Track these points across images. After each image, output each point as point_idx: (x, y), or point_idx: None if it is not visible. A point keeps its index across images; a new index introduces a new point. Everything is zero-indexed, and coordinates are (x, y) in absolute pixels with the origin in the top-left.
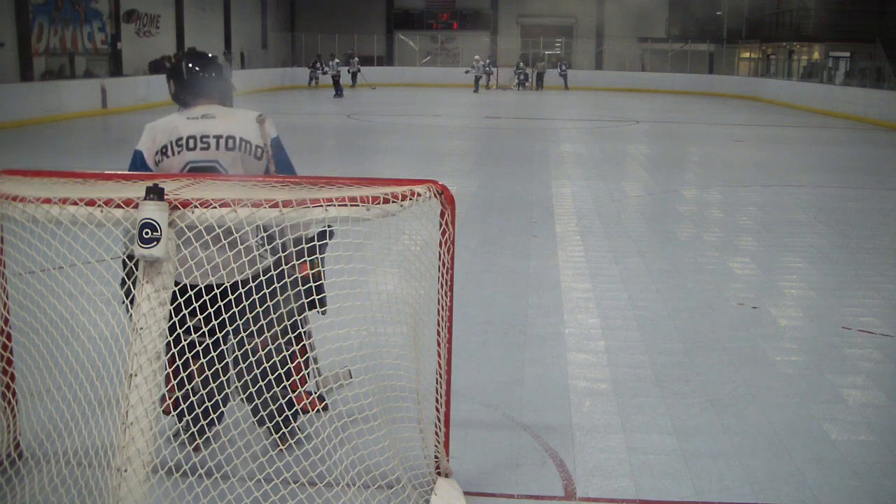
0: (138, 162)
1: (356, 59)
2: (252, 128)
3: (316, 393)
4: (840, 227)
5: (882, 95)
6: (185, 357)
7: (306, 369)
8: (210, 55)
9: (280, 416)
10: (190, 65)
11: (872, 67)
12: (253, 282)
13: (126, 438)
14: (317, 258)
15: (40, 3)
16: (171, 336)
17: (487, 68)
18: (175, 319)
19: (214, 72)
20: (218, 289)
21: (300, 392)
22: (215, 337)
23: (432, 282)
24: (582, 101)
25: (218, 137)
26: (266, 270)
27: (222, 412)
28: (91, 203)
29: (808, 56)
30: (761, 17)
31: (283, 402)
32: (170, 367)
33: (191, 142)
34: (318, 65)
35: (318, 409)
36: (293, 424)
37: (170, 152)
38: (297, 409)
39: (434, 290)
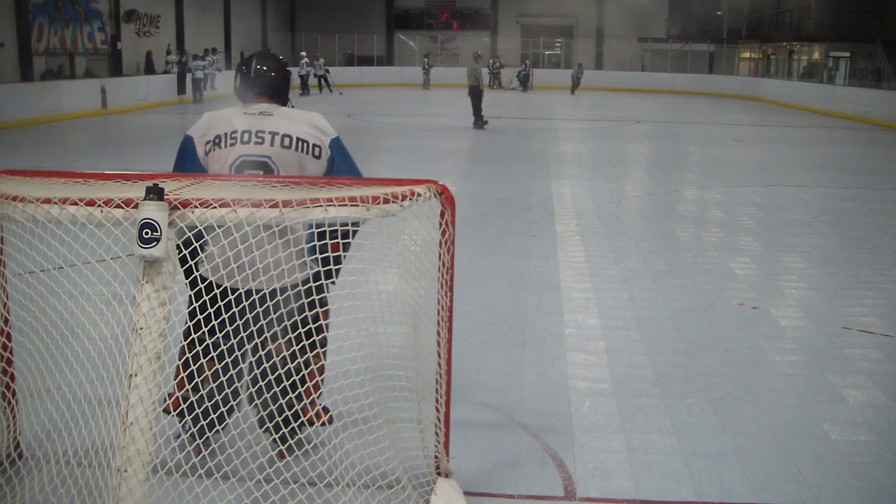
0: (188, 146)
1: (321, 60)
2: (307, 128)
3: (321, 405)
4: (840, 227)
5: (882, 95)
6: (208, 358)
7: (321, 376)
8: (277, 57)
9: (287, 427)
10: (258, 64)
11: (872, 67)
12: (302, 286)
13: (126, 438)
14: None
15: (40, 3)
16: (195, 334)
17: (493, 68)
18: (215, 321)
19: (279, 73)
20: (268, 293)
21: (318, 408)
22: (238, 341)
23: (432, 282)
24: (582, 101)
25: (274, 134)
26: (313, 277)
27: (232, 419)
28: (91, 203)
29: (808, 56)
30: (761, 17)
31: (288, 413)
32: (184, 370)
33: (245, 136)
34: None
35: (323, 422)
36: (299, 436)
37: (223, 143)
38: (302, 421)
39: (434, 290)
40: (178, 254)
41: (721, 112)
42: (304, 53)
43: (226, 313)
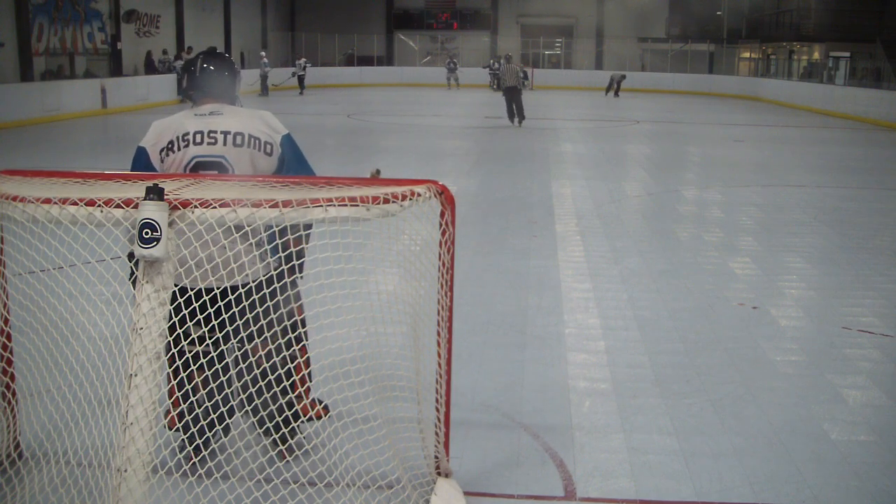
0: (141, 157)
1: (303, 60)
2: (258, 125)
3: (321, 403)
4: (840, 227)
5: (882, 95)
6: (193, 367)
7: (309, 379)
8: (225, 55)
9: (286, 428)
10: (204, 63)
11: (872, 67)
12: (275, 282)
13: (126, 438)
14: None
15: (40, 3)
16: (175, 347)
17: (491, 69)
18: (186, 330)
19: (227, 72)
20: (243, 289)
21: (304, 403)
22: (228, 344)
23: (432, 282)
24: (582, 101)
25: (226, 133)
26: (278, 272)
27: (228, 425)
28: (91, 203)
29: (808, 56)
30: (761, 17)
31: (288, 413)
32: (174, 379)
33: (197, 137)
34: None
35: (318, 412)
36: (299, 436)
37: (175, 147)
38: (301, 420)
39: (434, 290)
40: (132, 260)
41: (721, 112)
42: (263, 53)
43: (181, 313)
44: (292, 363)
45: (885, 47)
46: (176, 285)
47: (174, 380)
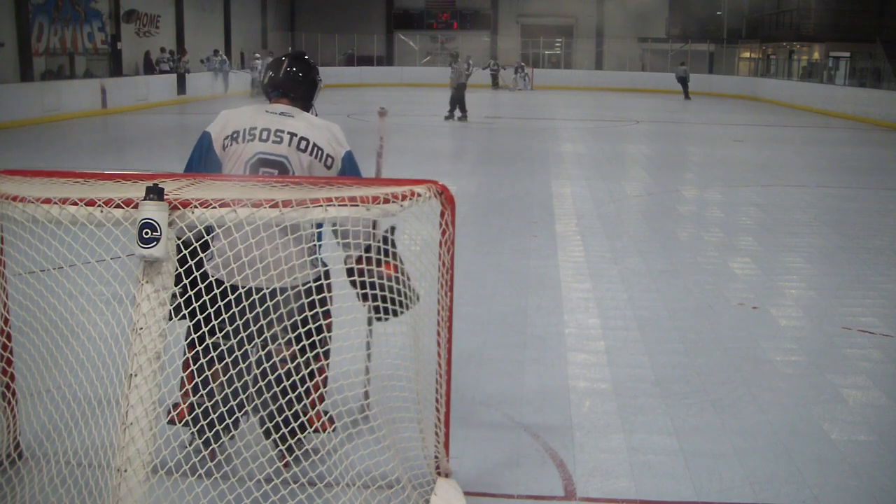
0: (205, 142)
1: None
2: (326, 136)
3: (326, 415)
4: (840, 227)
5: (882, 95)
6: (216, 361)
7: (325, 387)
8: (311, 62)
9: (289, 433)
10: (288, 66)
11: (872, 67)
12: (324, 291)
13: (126, 438)
14: (398, 253)
15: (40, 3)
16: (199, 339)
17: (492, 69)
18: (223, 322)
19: (308, 78)
20: (292, 291)
21: (318, 422)
22: (250, 342)
23: (432, 282)
24: (582, 100)
25: (293, 135)
26: (323, 275)
27: (238, 419)
28: (91, 203)
29: (808, 56)
30: (761, 17)
31: (294, 421)
32: (193, 365)
33: (264, 133)
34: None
35: (328, 431)
36: (306, 447)
37: (241, 139)
38: (307, 429)
39: (434, 290)
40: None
41: (721, 112)
42: (258, 55)
43: (235, 313)
44: (320, 376)
45: (885, 47)
46: (222, 282)
47: (193, 366)
